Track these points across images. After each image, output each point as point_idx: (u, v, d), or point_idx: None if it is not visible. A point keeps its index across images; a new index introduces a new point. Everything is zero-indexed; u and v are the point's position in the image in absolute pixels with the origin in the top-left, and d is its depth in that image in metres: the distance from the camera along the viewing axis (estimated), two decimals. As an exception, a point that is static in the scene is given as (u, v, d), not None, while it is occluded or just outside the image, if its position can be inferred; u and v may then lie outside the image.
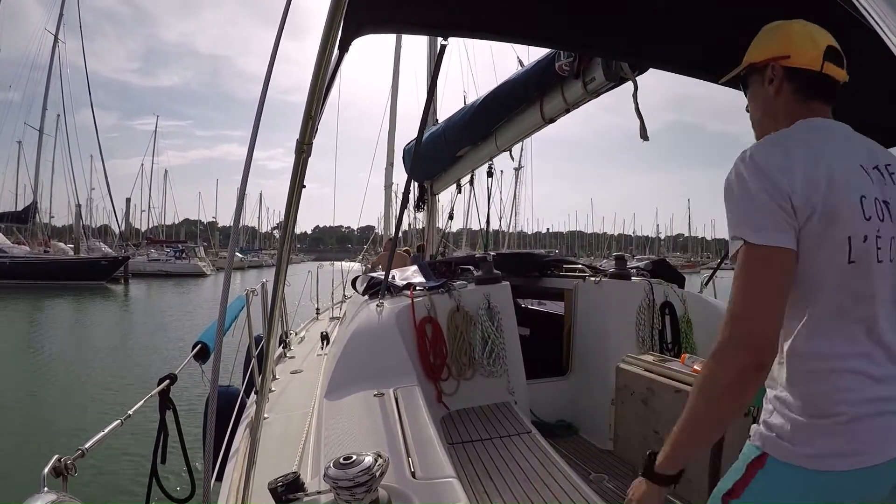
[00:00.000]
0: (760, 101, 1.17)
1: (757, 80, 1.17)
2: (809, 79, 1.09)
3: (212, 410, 1.41)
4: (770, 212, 0.93)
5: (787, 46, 1.11)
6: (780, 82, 1.11)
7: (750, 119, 1.23)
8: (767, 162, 0.96)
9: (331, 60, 1.39)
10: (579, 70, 3.18)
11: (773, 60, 1.12)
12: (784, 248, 0.93)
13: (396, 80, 10.69)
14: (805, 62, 1.09)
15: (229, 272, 1.48)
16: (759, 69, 1.16)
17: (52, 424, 6.64)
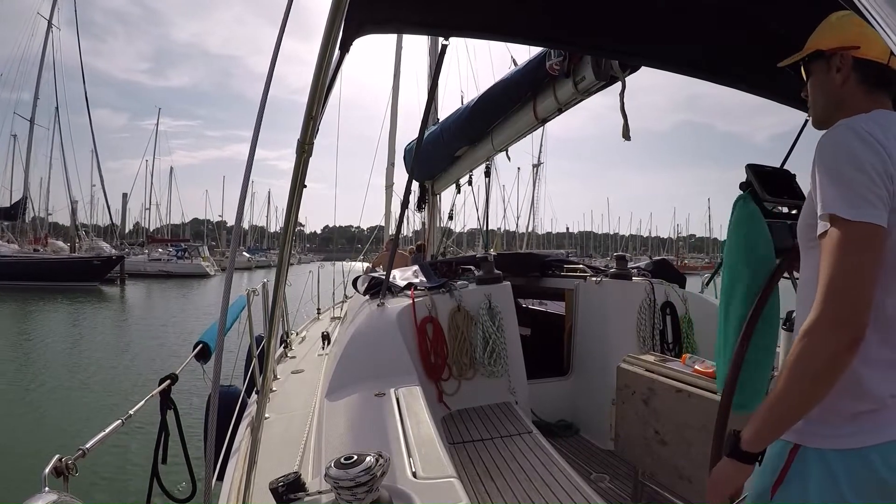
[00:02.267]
0: (825, 88, 1.17)
1: (821, 66, 1.17)
2: (877, 71, 1.10)
3: (213, 410, 1.41)
4: (874, 187, 0.93)
5: (856, 37, 1.11)
6: (848, 72, 1.12)
7: (809, 104, 1.23)
8: (873, 135, 0.96)
9: (332, 60, 1.39)
10: (569, 69, 3.18)
11: (841, 49, 1.13)
12: (881, 227, 0.93)
13: (397, 81, 10.69)
14: (874, 54, 1.10)
15: (230, 272, 1.48)
16: (826, 56, 1.16)
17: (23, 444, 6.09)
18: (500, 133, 4.41)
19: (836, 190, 0.95)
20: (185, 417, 2.48)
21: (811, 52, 1.18)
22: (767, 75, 2.05)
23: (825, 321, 0.92)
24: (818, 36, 1.19)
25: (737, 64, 2.02)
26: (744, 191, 1.71)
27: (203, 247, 51.61)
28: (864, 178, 0.93)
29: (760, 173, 1.72)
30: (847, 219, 0.93)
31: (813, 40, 1.19)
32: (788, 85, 2.14)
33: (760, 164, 1.77)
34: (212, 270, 42.56)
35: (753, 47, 1.86)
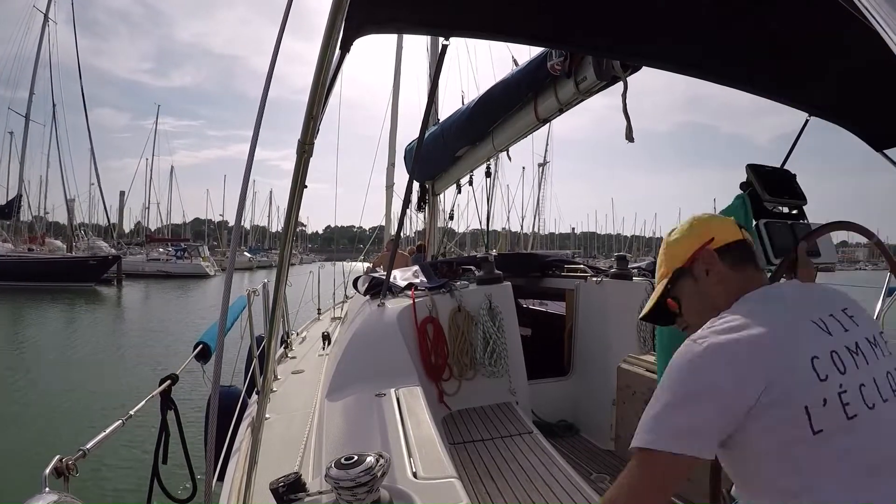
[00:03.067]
0: (699, 297, 1.12)
1: (688, 281, 1.13)
2: (738, 249, 1.10)
3: (213, 411, 1.41)
4: (702, 415, 0.88)
5: (706, 233, 1.12)
6: (714, 266, 1.09)
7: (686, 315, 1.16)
8: (713, 357, 0.91)
9: (332, 60, 1.39)
10: (571, 69, 3.18)
11: (699, 252, 1.11)
12: (692, 458, 0.88)
13: (397, 81, 10.69)
14: (730, 236, 1.11)
15: (230, 272, 1.48)
16: (688, 269, 1.12)
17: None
18: (501, 133, 4.41)
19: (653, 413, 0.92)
20: (185, 418, 2.48)
21: (672, 275, 1.15)
22: (769, 75, 2.06)
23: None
24: (669, 259, 1.16)
25: (738, 64, 2.02)
26: (744, 191, 1.72)
27: (203, 246, 50.81)
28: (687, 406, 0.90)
29: (761, 173, 1.72)
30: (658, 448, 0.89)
31: (668, 264, 1.16)
32: (789, 85, 2.15)
33: (761, 164, 1.78)
34: (212, 271, 41.77)
35: (754, 47, 1.86)
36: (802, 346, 0.91)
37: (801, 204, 1.79)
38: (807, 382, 0.88)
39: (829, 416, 0.88)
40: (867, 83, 1.93)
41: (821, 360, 0.90)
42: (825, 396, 0.88)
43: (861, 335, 0.97)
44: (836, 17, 1.21)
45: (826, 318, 0.97)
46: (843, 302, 1.04)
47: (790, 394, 0.88)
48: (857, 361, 0.93)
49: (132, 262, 38.62)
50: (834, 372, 0.90)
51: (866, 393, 0.91)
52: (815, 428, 0.87)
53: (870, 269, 69.25)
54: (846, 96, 2.11)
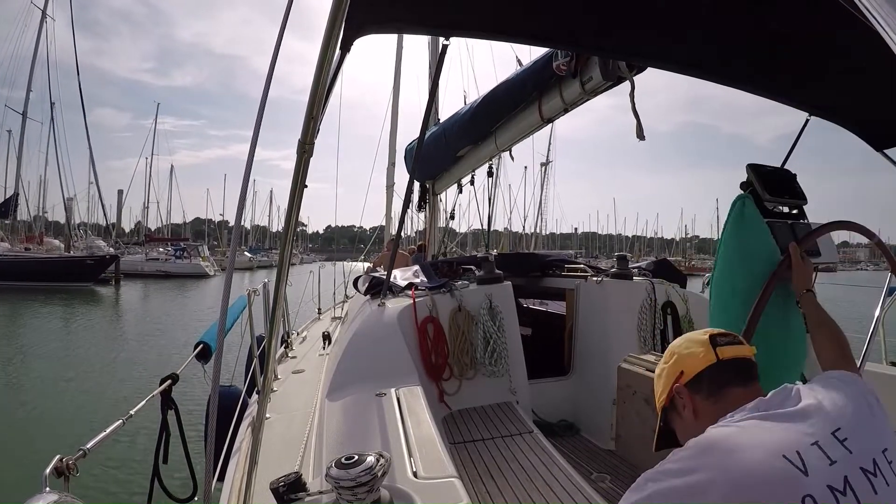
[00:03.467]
0: (684, 428, 1.06)
1: (674, 417, 1.10)
2: (712, 375, 1.01)
3: (213, 410, 1.41)
4: None
5: (675, 369, 1.07)
6: (691, 401, 1.03)
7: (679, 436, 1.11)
8: None
9: (332, 60, 1.39)
10: (577, 69, 3.19)
11: (672, 390, 1.07)
12: None
13: (398, 80, 10.70)
14: (698, 366, 1.03)
15: (230, 272, 1.48)
16: (671, 407, 1.10)
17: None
18: (504, 133, 4.41)
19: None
20: (185, 417, 2.48)
21: (661, 412, 1.13)
22: (769, 75, 2.05)
23: None
24: (657, 396, 1.14)
25: (739, 64, 2.02)
26: (744, 190, 1.71)
27: (202, 246, 50.30)
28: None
29: (761, 173, 1.72)
30: None
31: (657, 404, 1.14)
32: (789, 85, 2.15)
33: (761, 163, 1.77)
34: (211, 270, 41.37)
35: (755, 47, 1.86)
36: (761, 496, 0.76)
37: (802, 204, 1.79)
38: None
39: None
40: (867, 83, 1.93)
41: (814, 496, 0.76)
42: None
43: (854, 465, 0.81)
44: (836, 17, 1.21)
45: (805, 450, 0.80)
46: (834, 420, 0.86)
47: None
48: (857, 497, 0.78)
49: (131, 261, 38.31)
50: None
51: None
52: None
53: (871, 270, 69.23)
54: (846, 96, 2.11)
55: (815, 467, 0.78)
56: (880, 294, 2.64)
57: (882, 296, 2.60)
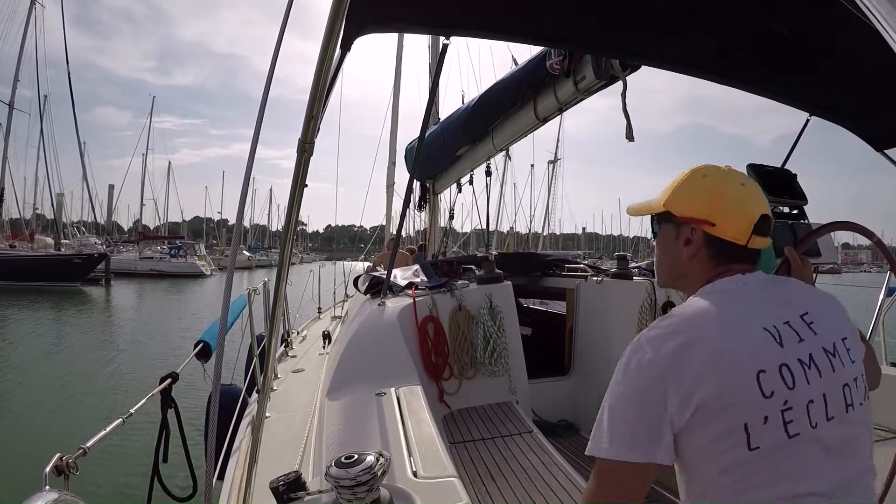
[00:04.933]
0: (671, 254, 1.06)
1: (670, 230, 1.05)
2: (732, 249, 0.99)
3: (213, 409, 1.41)
4: (644, 421, 0.87)
5: (714, 213, 0.99)
6: (699, 248, 1.01)
7: (656, 261, 1.13)
8: (650, 364, 0.89)
9: (332, 60, 1.39)
10: (570, 68, 3.18)
11: (694, 222, 1.00)
12: (648, 464, 0.86)
13: (398, 80, 10.70)
14: (731, 235, 0.98)
15: (231, 271, 1.48)
16: (678, 224, 1.03)
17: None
18: (501, 132, 4.41)
19: (598, 424, 0.91)
20: (185, 416, 2.48)
21: (664, 212, 1.05)
22: (769, 75, 2.05)
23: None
24: (674, 196, 1.04)
25: (738, 64, 2.02)
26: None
27: (199, 244, 48.99)
28: (629, 412, 0.89)
29: (761, 173, 1.72)
30: (600, 457, 0.89)
31: (668, 196, 1.04)
32: (789, 85, 2.15)
33: (762, 164, 1.77)
34: (208, 270, 40.07)
35: (755, 47, 1.86)
36: (749, 359, 0.86)
37: (802, 204, 1.79)
38: (749, 398, 0.84)
39: (769, 434, 0.85)
40: (867, 83, 1.93)
41: (767, 374, 0.85)
42: (767, 414, 0.85)
43: (818, 345, 0.91)
44: (836, 16, 1.21)
45: (780, 326, 0.90)
46: (803, 306, 0.96)
47: (731, 408, 0.84)
48: (809, 376, 0.88)
49: (124, 260, 37.39)
50: (781, 388, 0.86)
51: (813, 410, 0.87)
52: (753, 445, 0.84)
53: (874, 272, 68.71)
54: (846, 96, 2.11)
55: (788, 342, 0.89)
56: (879, 294, 2.64)
57: (881, 295, 2.60)
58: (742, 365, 0.86)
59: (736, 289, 0.97)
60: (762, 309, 0.94)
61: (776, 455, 0.85)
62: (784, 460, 0.85)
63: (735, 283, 0.98)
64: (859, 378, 0.94)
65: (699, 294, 0.98)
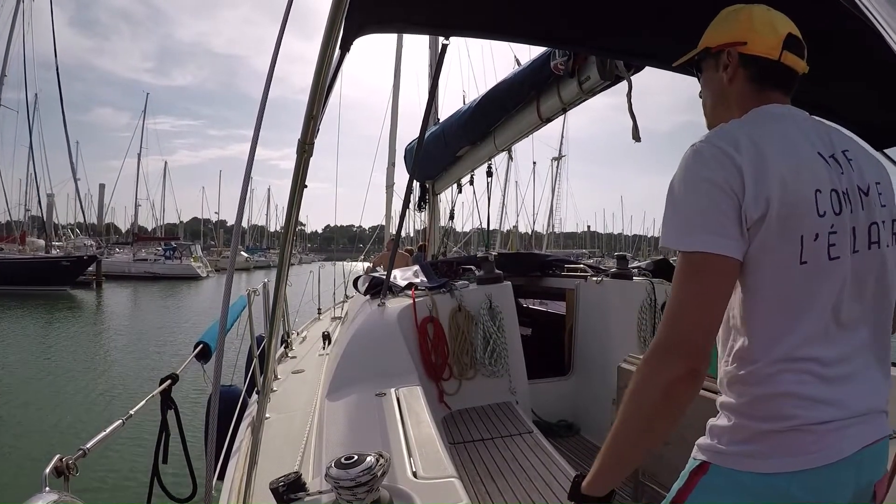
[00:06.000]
0: (714, 87, 1.11)
1: (711, 65, 1.11)
2: (766, 67, 1.03)
3: (213, 410, 1.41)
4: (713, 212, 0.88)
5: (744, 32, 1.04)
6: (735, 69, 1.05)
7: (702, 105, 1.17)
8: (716, 155, 0.90)
9: (332, 60, 1.39)
10: (574, 69, 3.18)
11: (728, 46, 1.06)
12: (722, 256, 0.87)
13: (398, 80, 10.70)
14: (763, 50, 1.03)
15: (231, 272, 1.48)
16: (714, 54, 1.09)
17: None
18: (503, 132, 4.41)
19: (671, 219, 0.92)
20: (185, 417, 2.48)
21: (700, 50, 1.12)
22: None
23: (660, 350, 0.88)
24: (709, 32, 1.12)
25: None
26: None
27: (195, 245, 47.77)
28: (702, 204, 0.89)
29: None
30: (682, 250, 0.89)
31: (704, 37, 1.12)
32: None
33: None
34: (203, 272, 38.98)
35: None
36: (808, 174, 0.90)
37: None
38: (808, 212, 0.89)
39: (818, 252, 0.89)
40: (867, 83, 1.93)
41: (823, 194, 0.90)
42: (818, 231, 0.89)
43: (853, 181, 0.95)
44: (835, 16, 1.21)
45: (827, 156, 0.95)
46: (845, 143, 1.00)
47: (790, 218, 0.88)
48: (850, 206, 0.93)
49: (117, 262, 36.67)
50: (830, 210, 0.90)
51: (849, 240, 0.92)
52: (803, 259, 0.89)
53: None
54: (846, 96, 2.10)
55: (835, 172, 0.93)
56: None
57: None
58: (802, 177, 0.90)
59: (783, 112, 1.01)
60: (812, 135, 0.97)
61: (821, 274, 0.90)
62: (828, 281, 0.90)
63: (781, 107, 1.02)
64: (888, 222, 0.98)
65: (751, 113, 1.01)
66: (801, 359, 0.89)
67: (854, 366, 0.92)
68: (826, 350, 0.90)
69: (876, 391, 0.95)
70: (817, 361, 0.90)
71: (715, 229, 0.87)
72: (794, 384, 0.89)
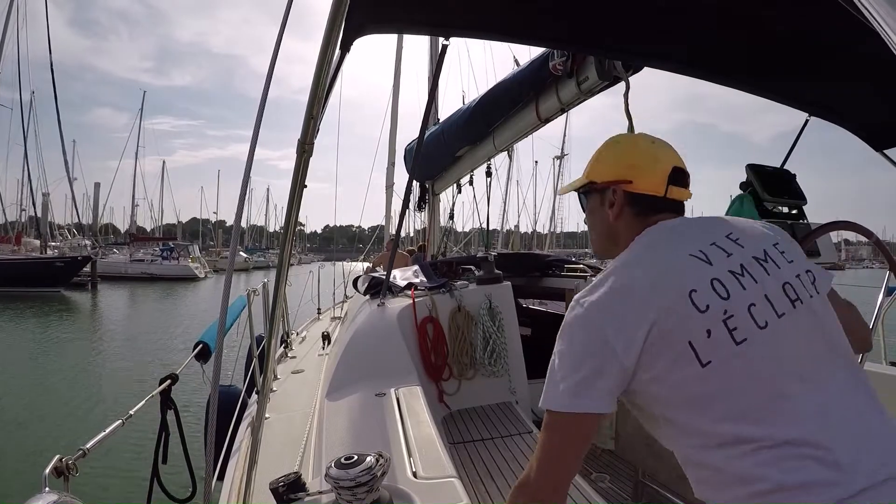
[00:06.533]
0: (599, 220, 1.13)
1: (596, 198, 1.13)
2: (652, 202, 1.06)
3: (213, 410, 1.41)
4: (589, 372, 0.89)
5: (629, 171, 1.07)
6: (622, 207, 1.08)
7: (589, 231, 1.19)
8: (597, 312, 0.92)
9: (332, 60, 1.39)
10: (573, 69, 3.18)
11: (614, 184, 1.08)
12: (593, 415, 0.90)
13: (397, 81, 10.71)
14: (648, 188, 1.06)
15: (230, 272, 1.48)
16: (600, 189, 1.12)
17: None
18: (502, 133, 4.41)
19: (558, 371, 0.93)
20: (185, 417, 2.48)
21: (585, 183, 1.14)
22: (769, 75, 2.05)
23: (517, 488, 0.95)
24: (594, 164, 1.14)
25: (738, 64, 2.02)
26: (744, 191, 1.72)
27: (193, 246, 47.51)
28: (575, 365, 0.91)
29: (761, 173, 1.73)
30: (558, 410, 0.91)
31: (590, 168, 1.14)
32: (789, 85, 2.15)
33: (761, 164, 1.78)
34: (201, 272, 38.76)
35: (754, 47, 1.86)
36: (679, 282, 0.90)
37: (801, 204, 1.79)
38: (686, 317, 0.87)
39: (717, 345, 0.87)
40: (867, 83, 1.93)
41: (699, 292, 0.89)
42: (708, 327, 0.87)
43: (747, 255, 0.95)
44: (836, 16, 1.21)
45: (707, 248, 0.95)
46: (727, 228, 1.01)
47: (671, 333, 0.87)
48: (744, 283, 0.91)
49: (114, 263, 36.44)
50: (715, 300, 0.89)
51: (757, 312, 0.89)
52: (704, 360, 0.86)
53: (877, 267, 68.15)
54: (846, 96, 2.11)
55: (716, 259, 0.94)
56: (878, 293, 2.63)
57: (881, 296, 2.59)
58: (673, 291, 0.90)
59: (659, 232, 1.02)
60: (687, 240, 0.99)
61: (731, 365, 0.87)
62: (740, 365, 0.87)
63: (658, 228, 1.03)
64: (802, 275, 0.97)
65: (629, 247, 1.03)
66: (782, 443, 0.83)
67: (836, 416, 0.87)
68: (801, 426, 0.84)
69: None
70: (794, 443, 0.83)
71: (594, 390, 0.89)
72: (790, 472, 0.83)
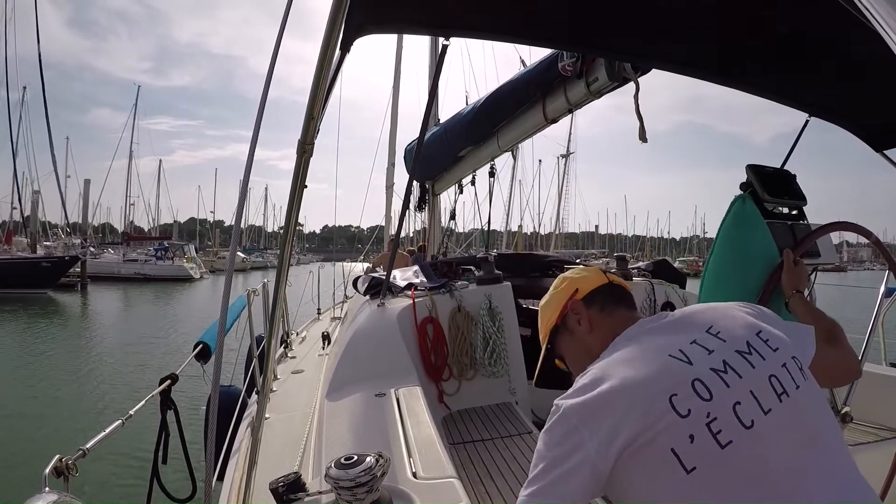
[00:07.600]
0: (575, 346, 1.18)
1: (565, 333, 1.20)
2: (604, 292, 1.17)
3: (213, 410, 1.41)
4: (569, 480, 0.87)
5: (570, 287, 1.19)
6: (586, 314, 1.15)
7: (569, 367, 1.22)
8: (575, 417, 0.90)
9: (332, 60, 1.39)
10: (582, 70, 3.19)
11: (567, 307, 1.18)
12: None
13: (398, 81, 10.72)
14: (593, 284, 1.18)
15: (230, 272, 1.48)
16: (563, 324, 1.20)
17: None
18: (507, 133, 4.41)
19: (535, 477, 0.92)
20: (185, 417, 2.48)
21: (549, 334, 1.23)
22: (769, 76, 2.06)
23: None
24: (545, 319, 1.25)
25: (739, 65, 2.02)
26: (744, 191, 1.71)
27: (188, 246, 46.66)
28: (553, 473, 0.89)
29: (761, 174, 1.72)
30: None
31: (543, 324, 1.25)
32: (789, 86, 2.15)
33: (761, 164, 1.77)
34: (197, 273, 37.94)
35: (755, 48, 1.86)
36: (658, 387, 0.88)
37: (801, 204, 1.79)
38: (668, 424, 0.84)
39: (701, 451, 0.83)
40: (867, 83, 1.93)
41: (679, 395, 0.86)
42: (691, 433, 0.84)
43: (729, 350, 0.93)
44: (836, 17, 1.21)
45: (686, 347, 0.93)
46: (707, 321, 1.00)
47: (654, 440, 0.84)
48: (728, 379, 0.88)
49: (106, 263, 35.82)
50: (697, 403, 0.86)
51: (742, 411, 0.86)
52: (688, 467, 0.83)
53: (877, 269, 68.07)
54: (846, 97, 2.11)
55: (697, 358, 0.92)
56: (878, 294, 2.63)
57: (880, 296, 2.59)
58: (652, 396, 0.87)
59: (638, 332, 1.04)
60: (666, 340, 0.97)
61: (717, 471, 0.83)
62: (728, 473, 0.83)
63: (637, 328, 1.06)
64: (788, 362, 0.94)
65: (608, 348, 1.03)
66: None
67: None
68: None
69: None
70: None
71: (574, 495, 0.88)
72: None
